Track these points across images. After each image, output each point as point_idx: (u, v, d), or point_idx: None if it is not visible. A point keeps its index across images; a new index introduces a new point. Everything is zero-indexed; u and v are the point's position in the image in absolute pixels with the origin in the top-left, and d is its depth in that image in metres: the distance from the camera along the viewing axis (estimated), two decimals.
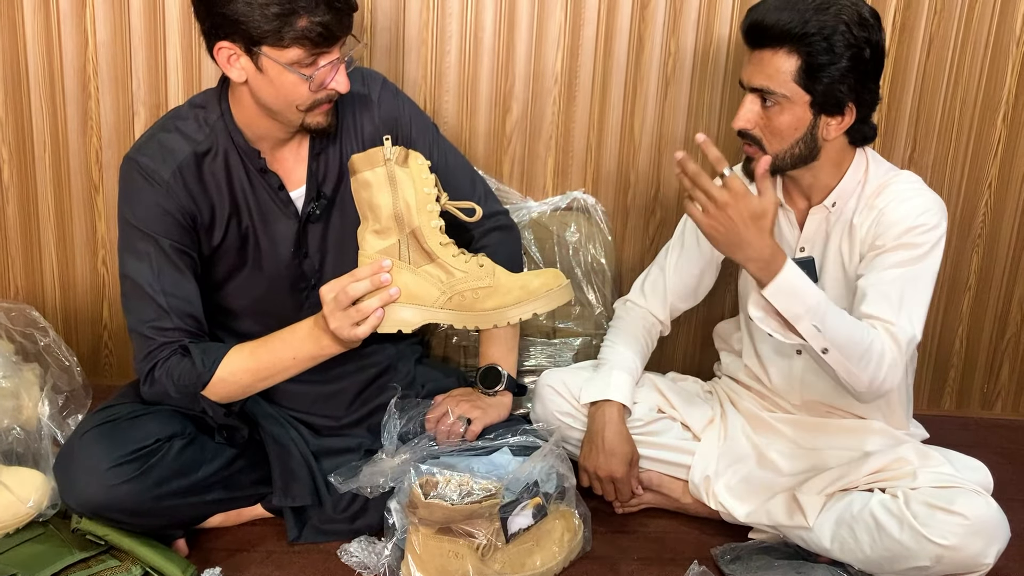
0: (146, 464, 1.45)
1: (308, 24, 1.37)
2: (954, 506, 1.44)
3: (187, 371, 1.46)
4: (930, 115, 2.06)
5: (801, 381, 1.74)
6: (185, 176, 1.50)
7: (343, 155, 1.59)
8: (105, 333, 2.09)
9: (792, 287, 1.44)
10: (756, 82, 1.53)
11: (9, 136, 1.96)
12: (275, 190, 1.56)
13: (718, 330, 1.95)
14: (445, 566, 1.44)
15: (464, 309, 1.41)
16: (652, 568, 1.61)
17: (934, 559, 1.43)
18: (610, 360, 1.76)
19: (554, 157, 2.05)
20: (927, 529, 1.43)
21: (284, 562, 1.57)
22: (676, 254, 1.82)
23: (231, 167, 1.54)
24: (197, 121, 1.53)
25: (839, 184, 1.60)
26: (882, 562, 1.49)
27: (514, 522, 1.48)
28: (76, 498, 1.45)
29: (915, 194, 1.56)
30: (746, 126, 1.55)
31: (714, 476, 1.71)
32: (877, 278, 1.53)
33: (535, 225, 2.02)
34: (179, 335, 1.49)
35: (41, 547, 1.44)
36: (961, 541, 1.42)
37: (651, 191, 2.09)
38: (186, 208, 1.51)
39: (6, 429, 1.51)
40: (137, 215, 1.49)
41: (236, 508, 1.62)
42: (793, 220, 1.68)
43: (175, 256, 1.50)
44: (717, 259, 1.82)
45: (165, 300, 1.48)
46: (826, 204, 1.62)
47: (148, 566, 1.45)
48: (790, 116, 1.52)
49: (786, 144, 1.55)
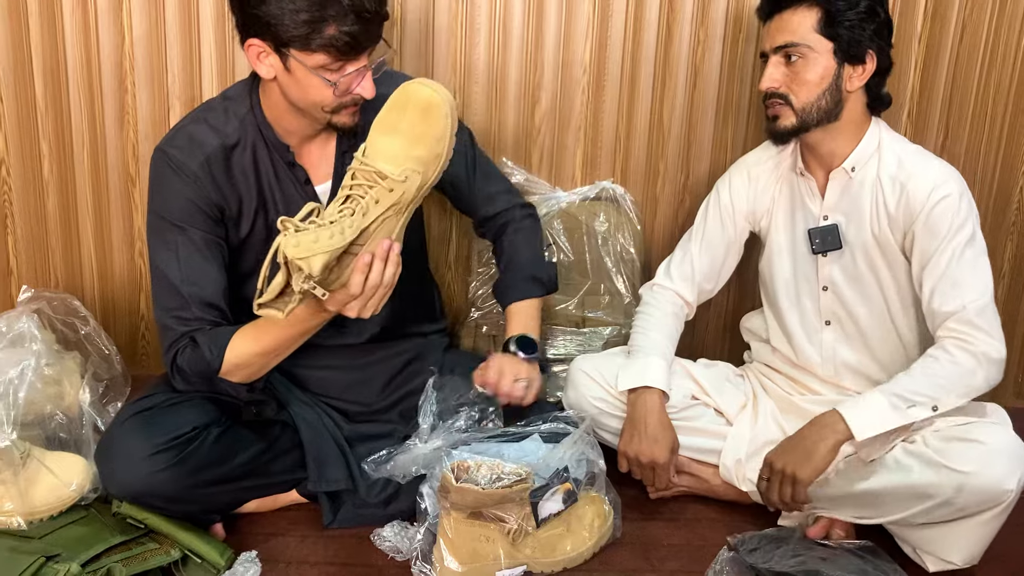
0: (183, 452, 1.48)
1: (336, 33, 1.39)
2: (971, 435, 1.47)
3: (199, 360, 1.48)
4: (963, 102, 2.04)
5: (833, 353, 1.75)
6: (213, 168, 1.52)
7: None
8: (142, 324, 2.13)
9: (868, 419, 1.51)
10: (780, 40, 1.60)
11: (49, 131, 2.00)
12: (301, 184, 1.58)
13: (744, 323, 1.95)
14: (477, 550, 1.46)
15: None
16: (682, 554, 1.61)
17: (955, 488, 1.44)
18: (643, 346, 1.77)
19: (583, 147, 2.06)
20: (945, 458, 1.46)
21: (319, 546, 1.59)
22: (699, 236, 1.84)
23: (259, 160, 1.56)
24: (227, 114, 1.55)
25: (856, 149, 1.65)
26: (905, 506, 1.50)
27: (544, 507, 1.49)
28: (117, 485, 1.48)
29: (928, 167, 1.61)
30: (773, 85, 1.62)
31: (745, 459, 1.72)
32: (931, 272, 1.58)
33: (564, 215, 2.03)
34: (199, 324, 1.50)
35: (84, 529, 1.48)
36: (980, 466, 1.44)
37: (680, 180, 2.09)
38: (213, 200, 1.53)
39: (49, 415, 1.55)
40: (165, 206, 1.52)
41: (271, 494, 1.65)
42: (814, 188, 1.70)
43: (203, 246, 1.52)
44: (740, 240, 1.85)
45: (188, 290, 1.50)
46: (845, 168, 1.65)
47: (187, 549, 1.48)
48: (816, 66, 1.59)
49: (812, 95, 1.60)
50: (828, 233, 1.68)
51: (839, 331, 1.74)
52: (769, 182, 1.77)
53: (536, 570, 1.52)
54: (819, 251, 1.70)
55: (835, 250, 1.69)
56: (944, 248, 1.56)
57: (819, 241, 1.69)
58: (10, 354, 1.46)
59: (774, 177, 1.77)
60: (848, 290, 1.71)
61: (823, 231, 1.69)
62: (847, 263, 1.69)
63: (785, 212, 1.76)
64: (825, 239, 1.69)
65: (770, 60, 1.63)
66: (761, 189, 1.78)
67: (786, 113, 1.63)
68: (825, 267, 1.72)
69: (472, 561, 1.47)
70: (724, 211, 1.81)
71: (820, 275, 1.73)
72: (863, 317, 1.71)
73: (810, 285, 1.75)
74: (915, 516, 1.51)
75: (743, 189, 1.80)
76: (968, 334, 1.54)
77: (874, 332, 1.71)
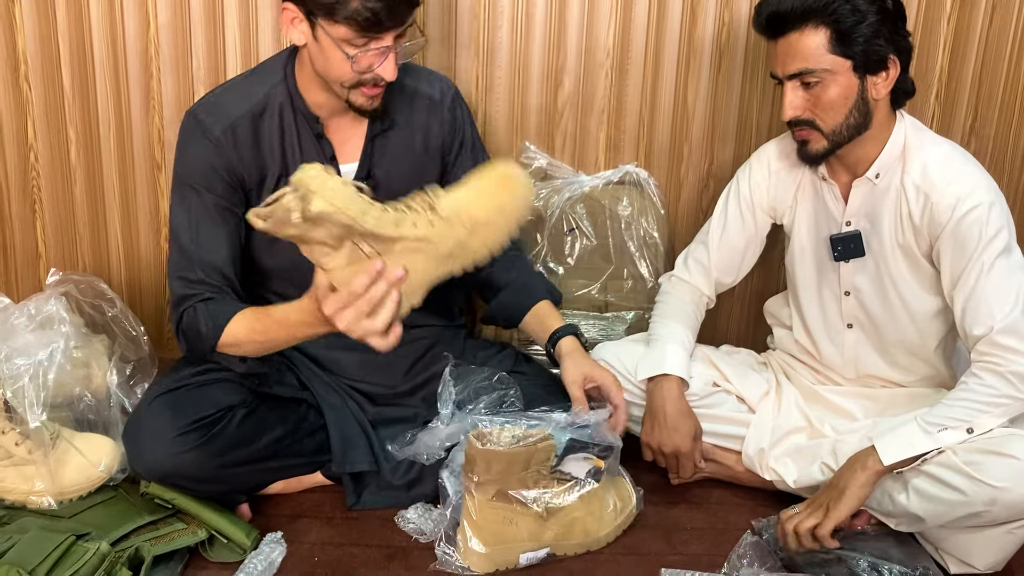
0: (209, 433, 1.50)
1: (360, 6, 1.40)
2: (1006, 448, 1.43)
3: (196, 334, 1.50)
4: (992, 85, 2.01)
5: (855, 356, 1.73)
6: (238, 135, 1.54)
7: (404, 147, 1.64)
8: (169, 308, 2.15)
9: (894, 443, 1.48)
10: (792, 68, 1.52)
11: (76, 118, 2.02)
12: (327, 159, 1.59)
13: (768, 306, 1.94)
14: (501, 532, 1.47)
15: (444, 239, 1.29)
16: (705, 538, 1.61)
17: (988, 502, 1.42)
18: (662, 335, 1.76)
19: (606, 131, 2.05)
20: (979, 472, 1.42)
21: (343, 527, 1.61)
22: (719, 229, 1.80)
23: (285, 127, 1.57)
24: (260, 82, 1.58)
25: (881, 154, 1.58)
26: (935, 514, 1.48)
27: (569, 464, 1.48)
28: (144, 465, 1.50)
29: (955, 176, 1.53)
30: (796, 114, 1.55)
31: (768, 448, 1.71)
32: (960, 292, 1.53)
33: (587, 200, 2.02)
34: (203, 288, 1.51)
35: (112, 509, 1.50)
36: (1014, 483, 1.40)
37: (704, 164, 2.07)
38: (234, 167, 1.55)
39: (78, 397, 1.57)
40: (186, 168, 1.55)
41: (296, 475, 1.67)
42: (837, 194, 1.66)
43: (216, 212, 1.54)
44: (762, 234, 1.81)
45: (196, 251, 1.52)
46: (869, 176, 1.60)
47: (213, 530, 1.50)
48: (837, 88, 1.51)
49: (840, 116, 1.53)
50: (851, 240, 1.64)
51: (861, 335, 1.71)
52: (791, 179, 1.72)
53: (559, 552, 1.52)
54: (841, 259, 1.66)
55: (857, 257, 1.66)
56: (972, 265, 1.51)
57: (841, 249, 1.65)
58: (39, 336, 1.48)
59: (796, 174, 1.71)
60: (871, 296, 1.67)
61: (845, 238, 1.64)
62: (870, 269, 1.65)
63: (807, 213, 1.71)
64: (848, 247, 1.65)
65: (786, 86, 1.55)
66: (783, 185, 1.73)
67: (816, 138, 1.56)
68: (847, 273, 1.68)
69: (496, 543, 1.47)
70: (744, 204, 1.77)
71: (842, 281, 1.69)
72: (886, 323, 1.67)
73: (832, 289, 1.71)
74: (944, 522, 1.49)
75: (764, 183, 1.75)
76: (997, 355, 1.48)
77: (896, 338, 1.68)
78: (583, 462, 1.51)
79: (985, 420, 1.47)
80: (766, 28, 1.56)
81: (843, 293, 1.70)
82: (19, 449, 1.48)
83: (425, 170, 1.68)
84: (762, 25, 1.56)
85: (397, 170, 1.65)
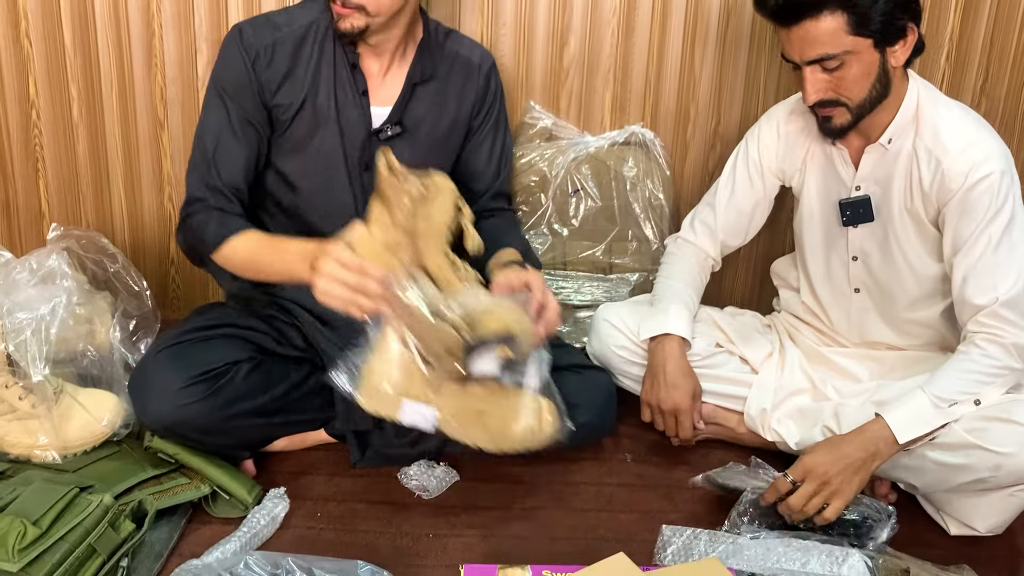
0: (216, 385, 1.50)
1: None
2: (1012, 415, 1.43)
3: (200, 236, 1.56)
4: (1004, 44, 1.98)
5: (861, 320, 1.73)
6: (276, 53, 1.60)
7: (438, 105, 1.70)
8: (172, 268, 2.15)
9: (907, 420, 1.46)
10: (812, 54, 1.48)
11: (78, 75, 2.00)
12: (358, 92, 1.64)
13: (775, 267, 1.93)
14: (400, 379, 1.38)
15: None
16: (706, 497, 1.61)
17: (992, 468, 1.42)
18: (665, 296, 1.76)
19: (612, 91, 2.03)
20: (984, 438, 1.42)
21: (346, 485, 1.61)
22: (727, 192, 1.79)
23: (324, 56, 1.63)
24: (311, 10, 1.64)
25: (894, 119, 1.56)
26: (940, 479, 1.48)
27: (477, 362, 1.38)
28: (149, 416, 1.51)
29: (968, 143, 1.51)
30: (820, 96, 1.51)
31: (770, 409, 1.70)
32: (964, 260, 1.51)
33: (592, 160, 2.01)
34: (217, 196, 1.58)
35: (116, 464, 1.51)
36: (1018, 449, 1.41)
37: (711, 125, 2.05)
38: (265, 83, 1.60)
39: (81, 352, 1.57)
40: (221, 75, 1.61)
41: (301, 431, 1.67)
42: (847, 158, 1.64)
43: (237, 124, 1.60)
44: (770, 196, 1.79)
45: (216, 158, 1.59)
46: (882, 142, 1.58)
47: (216, 485, 1.51)
48: (859, 66, 1.48)
49: (864, 91, 1.51)
50: (860, 206, 1.62)
51: (867, 299, 1.71)
52: (800, 141, 1.70)
53: (449, 432, 1.42)
54: (850, 223, 1.65)
55: (866, 223, 1.64)
56: (980, 235, 1.49)
57: (850, 214, 1.63)
58: (41, 291, 1.48)
59: (805, 137, 1.69)
60: (878, 261, 1.66)
61: (855, 203, 1.62)
62: (878, 235, 1.64)
63: (816, 177, 1.69)
64: (857, 212, 1.63)
65: (805, 70, 1.50)
66: (792, 148, 1.72)
67: (840, 113, 1.53)
68: (856, 238, 1.66)
69: (392, 386, 1.39)
70: (752, 167, 1.76)
71: (850, 245, 1.68)
72: (893, 288, 1.66)
73: (840, 253, 1.70)
74: (948, 487, 1.49)
75: (773, 145, 1.73)
76: (1000, 327, 1.48)
77: (903, 303, 1.67)
78: (490, 354, 1.39)
79: (990, 391, 1.47)
80: (776, 16, 1.50)
81: (851, 258, 1.69)
82: (22, 403, 1.48)
83: (452, 133, 1.74)
84: (771, 12, 1.50)
85: (426, 125, 1.70)
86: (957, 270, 1.53)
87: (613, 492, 1.64)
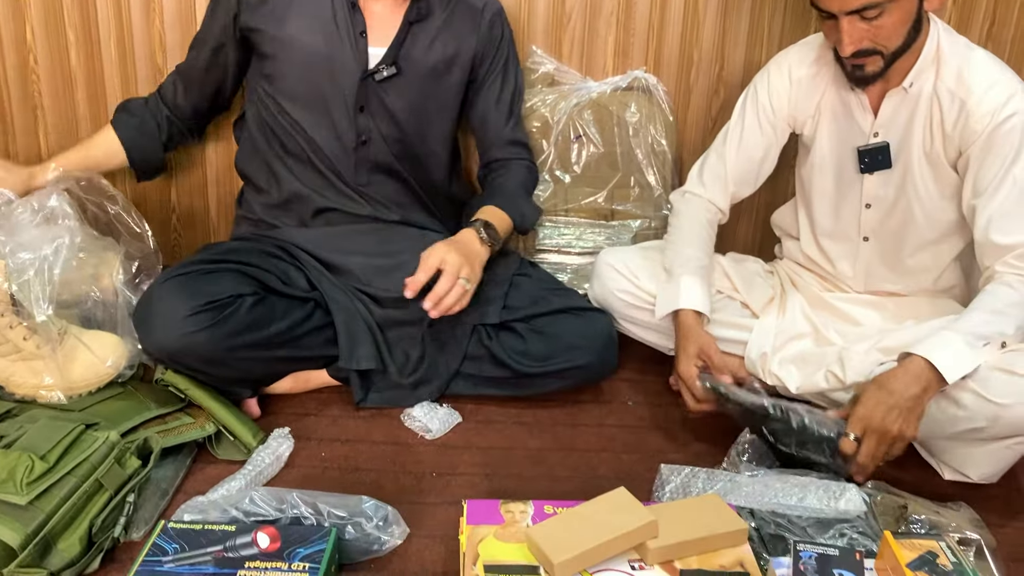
0: (220, 315, 1.51)
1: None
2: (1015, 367, 1.42)
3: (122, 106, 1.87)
4: None
5: (867, 268, 1.72)
6: None
7: (435, 46, 1.72)
8: (174, 216, 2.15)
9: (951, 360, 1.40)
10: (852, 4, 1.44)
11: (76, 20, 1.98)
12: (356, 33, 1.66)
13: (775, 218, 1.92)
14: None
15: None
16: (705, 437, 1.63)
17: (990, 419, 1.42)
18: (677, 265, 1.70)
19: (615, 35, 2.01)
20: (985, 388, 1.42)
21: (350, 426, 1.63)
22: (736, 137, 1.76)
23: None
24: None
25: (916, 63, 1.54)
26: (935, 424, 1.48)
27: None
28: (154, 343, 1.51)
29: (992, 83, 1.50)
30: (858, 47, 1.48)
31: (771, 352, 1.71)
32: (988, 202, 1.49)
33: (594, 106, 1.99)
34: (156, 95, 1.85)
35: (121, 403, 1.52)
36: (1016, 400, 1.40)
37: (715, 70, 2.03)
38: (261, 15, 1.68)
39: (85, 295, 1.57)
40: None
41: (304, 368, 1.68)
42: (866, 104, 1.61)
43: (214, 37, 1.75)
44: (781, 143, 1.77)
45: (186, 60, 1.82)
46: (904, 86, 1.55)
47: (221, 425, 1.52)
48: (899, 12, 1.46)
49: (901, 38, 1.49)
50: (879, 152, 1.60)
51: (876, 247, 1.70)
52: (813, 87, 1.67)
53: None
54: (867, 171, 1.63)
55: (884, 169, 1.62)
56: (1005, 177, 1.47)
57: (868, 161, 1.61)
58: (44, 231, 1.48)
59: (819, 82, 1.66)
60: (892, 207, 1.64)
61: (873, 150, 1.60)
62: (895, 181, 1.62)
63: (830, 124, 1.67)
64: (875, 159, 1.61)
65: (842, 20, 1.46)
66: (804, 94, 1.68)
67: (873, 61, 1.50)
68: (871, 185, 1.64)
69: None
70: (763, 113, 1.72)
71: (864, 193, 1.66)
72: (906, 235, 1.65)
73: (852, 201, 1.68)
74: (945, 435, 1.49)
75: (784, 91, 1.70)
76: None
77: (912, 249, 1.66)
78: None
79: (1017, 333, 1.45)
80: None
81: (864, 206, 1.67)
82: (27, 344, 1.49)
83: (448, 74, 1.75)
84: None
85: (422, 64, 1.72)
86: (981, 212, 1.51)
87: (614, 433, 1.65)
